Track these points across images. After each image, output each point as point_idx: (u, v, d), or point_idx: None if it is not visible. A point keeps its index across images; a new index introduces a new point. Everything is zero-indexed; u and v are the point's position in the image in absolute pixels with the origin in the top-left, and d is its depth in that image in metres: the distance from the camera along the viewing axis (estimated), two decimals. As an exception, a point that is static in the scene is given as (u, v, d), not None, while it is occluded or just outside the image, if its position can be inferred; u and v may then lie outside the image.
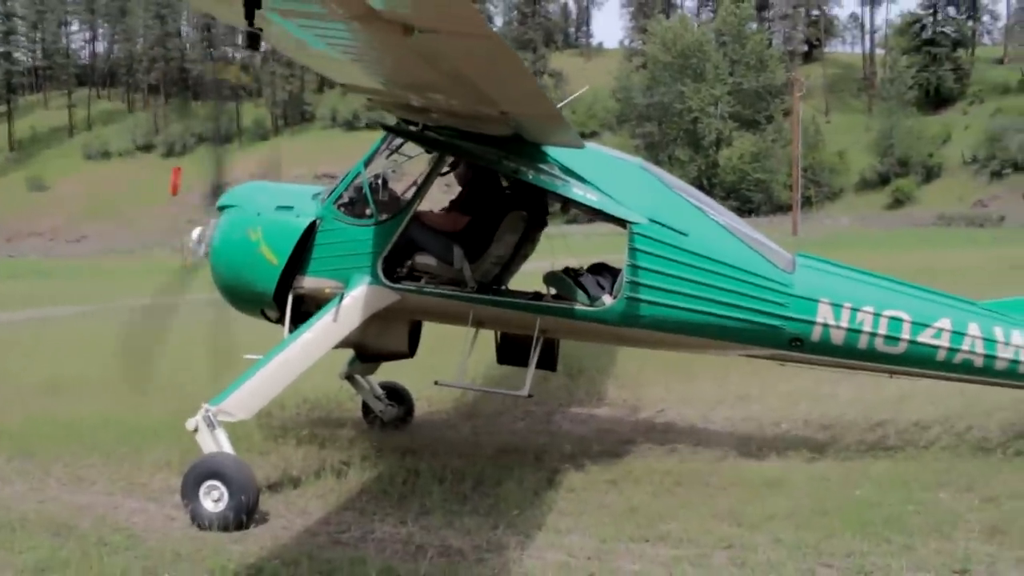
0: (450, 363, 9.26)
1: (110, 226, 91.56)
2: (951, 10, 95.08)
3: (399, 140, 7.47)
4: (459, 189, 7.89)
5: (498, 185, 7.30)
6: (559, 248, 8.15)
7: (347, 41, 4.09)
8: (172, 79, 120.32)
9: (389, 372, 9.48)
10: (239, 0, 3.36)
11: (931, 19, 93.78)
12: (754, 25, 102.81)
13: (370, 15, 3.41)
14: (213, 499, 6.42)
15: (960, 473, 6.99)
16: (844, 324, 7.00)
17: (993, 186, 71.09)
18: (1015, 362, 7.06)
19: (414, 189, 7.45)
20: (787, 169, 76.67)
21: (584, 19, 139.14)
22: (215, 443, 6.71)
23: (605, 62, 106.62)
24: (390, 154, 7.61)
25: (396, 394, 9.68)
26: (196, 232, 8.34)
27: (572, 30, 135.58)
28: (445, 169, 7.56)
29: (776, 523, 6.20)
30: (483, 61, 4.24)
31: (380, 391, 9.53)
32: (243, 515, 6.35)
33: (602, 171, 7.03)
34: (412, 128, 7.16)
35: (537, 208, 7.53)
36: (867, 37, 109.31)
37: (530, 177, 6.85)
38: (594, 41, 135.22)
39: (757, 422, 9.38)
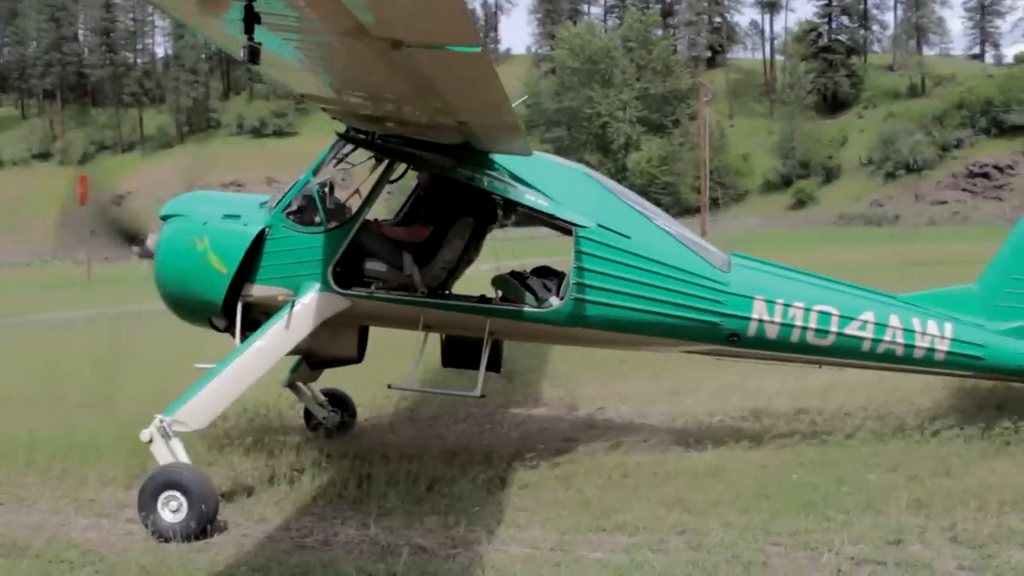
0: (382, 369, 9.41)
1: (5, 238, 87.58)
2: (845, 19, 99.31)
3: (347, 148, 7.57)
4: (402, 197, 8.03)
5: (451, 192, 7.46)
6: (501, 252, 8.38)
7: (327, 54, 4.21)
8: (69, 84, 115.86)
9: (327, 380, 9.54)
10: (234, 13, 3.44)
11: (826, 27, 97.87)
12: (659, 31, 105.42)
13: (360, 30, 3.56)
14: (172, 510, 6.39)
15: (885, 455, 7.51)
16: (777, 319, 7.43)
17: (888, 187, 74.62)
18: (931, 350, 7.61)
19: (362, 197, 7.55)
20: (694, 172, 78.95)
21: (492, 25, 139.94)
22: (171, 454, 6.68)
23: (513, 68, 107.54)
24: (338, 162, 7.68)
25: (338, 400, 9.72)
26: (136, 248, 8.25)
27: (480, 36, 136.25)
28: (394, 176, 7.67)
29: (723, 508, 6.55)
30: (462, 74, 4.43)
31: (322, 398, 9.56)
32: (204, 524, 6.36)
33: (549, 177, 7.30)
34: (362, 137, 7.26)
35: (482, 214, 7.72)
36: (767, 44, 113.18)
37: (485, 184, 7.06)
38: (502, 47, 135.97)
39: (692, 416, 9.76)
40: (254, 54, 3.74)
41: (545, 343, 8.46)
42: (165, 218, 7.91)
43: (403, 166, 7.47)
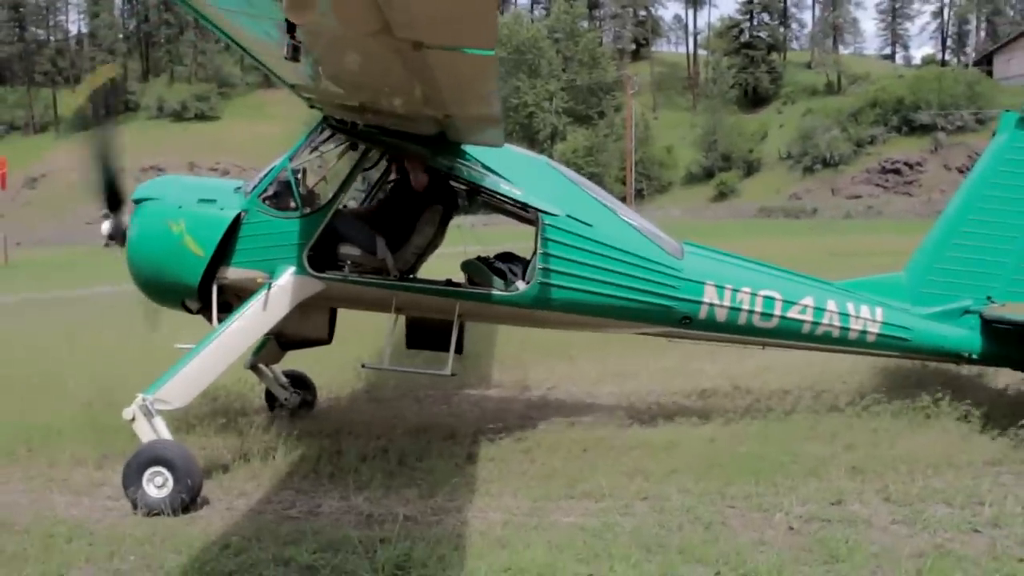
0: (340, 351, 9.64)
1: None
2: (765, 16, 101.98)
3: (324, 135, 7.81)
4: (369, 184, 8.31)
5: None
6: (467, 238, 8.73)
7: (343, 51, 4.48)
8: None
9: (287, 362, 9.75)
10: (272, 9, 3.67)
11: (748, 24, 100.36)
12: (585, 23, 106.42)
13: (384, 31, 3.87)
14: (157, 485, 6.61)
15: (822, 428, 8.17)
16: (726, 303, 8.01)
17: (806, 180, 77.13)
18: (864, 332, 8.31)
19: (337, 183, 7.80)
20: (619, 163, 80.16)
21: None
22: (154, 431, 6.88)
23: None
24: (313, 149, 7.92)
25: (300, 381, 9.96)
26: (106, 225, 8.29)
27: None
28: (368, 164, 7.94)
29: (679, 476, 7.10)
30: (467, 72, 4.77)
31: (284, 379, 9.79)
32: (190, 498, 6.60)
33: (517, 168, 7.70)
34: (343, 126, 7.52)
35: (449, 202, 8.07)
36: (690, 38, 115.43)
37: (464, 174, 7.43)
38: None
39: (639, 395, 10.33)
40: (296, 51, 3.99)
41: (510, 325, 8.84)
42: (137, 201, 8.01)
43: (377, 154, 7.73)
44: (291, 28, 3.83)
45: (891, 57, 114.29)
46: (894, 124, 75.51)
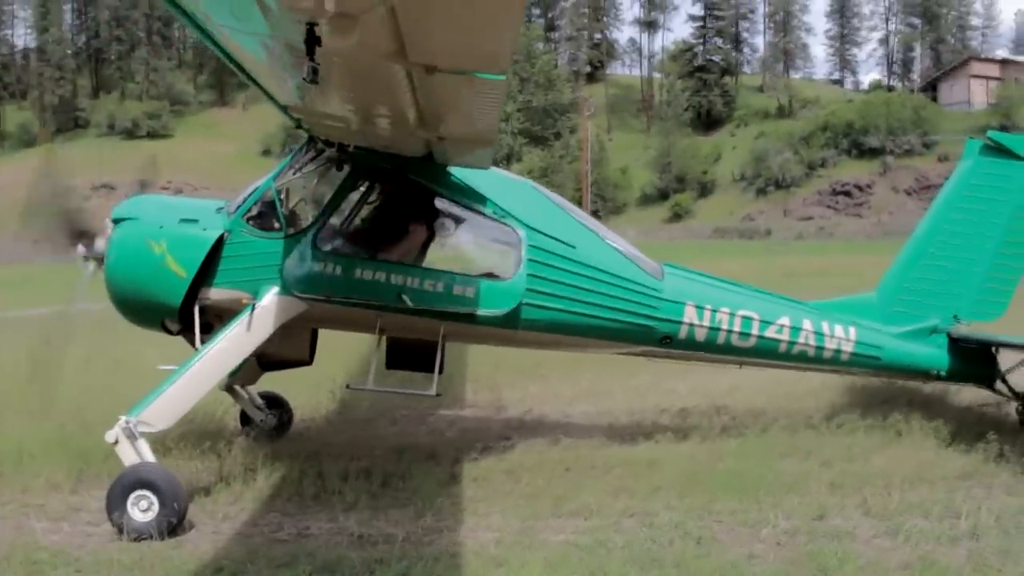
0: (315, 373, 9.60)
1: None
2: (718, 40, 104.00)
3: (308, 156, 7.82)
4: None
5: (411, 202, 7.82)
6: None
7: (352, 73, 4.51)
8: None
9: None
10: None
11: (701, 47, 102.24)
12: (541, 45, 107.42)
13: (399, 54, 3.93)
14: (142, 509, 6.52)
15: (798, 445, 8.37)
16: (706, 323, 8.17)
17: (759, 202, 78.58)
18: (838, 351, 8.54)
19: (323, 204, 7.81)
20: (574, 184, 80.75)
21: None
22: (137, 454, 6.79)
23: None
24: (298, 170, 7.92)
25: (275, 402, 9.89)
26: (81, 248, 8.17)
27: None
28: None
29: (663, 493, 7.23)
30: (474, 96, 4.85)
31: (260, 401, 9.71)
32: (175, 522, 6.52)
33: (503, 190, 7.79)
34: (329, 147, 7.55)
35: (431, 223, 8.10)
36: (645, 61, 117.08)
37: (450, 195, 7.49)
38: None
39: (614, 415, 10.44)
40: (316, 73, 4.02)
41: (493, 345, 8.89)
42: (116, 221, 7.92)
43: (365, 176, 7.74)
44: (311, 51, 3.87)
45: (840, 82, 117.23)
46: (844, 147, 77.46)
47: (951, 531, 6.26)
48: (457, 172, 7.65)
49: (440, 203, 7.72)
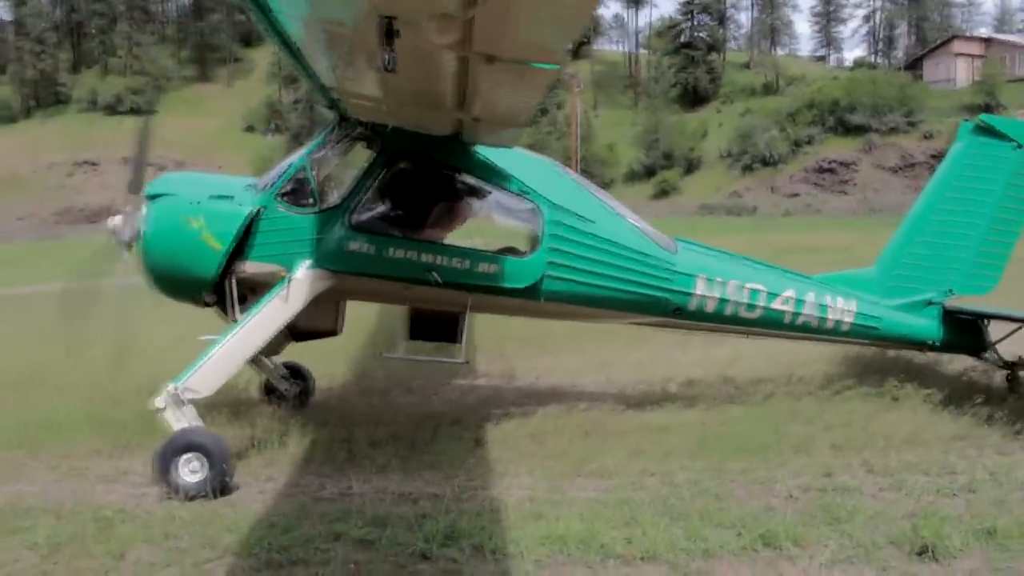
0: (329, 344, 9.93)
1: None
2: (705, 17, 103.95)
3: (339, 135, 8.16)
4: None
5: (434, 180, 8.19)
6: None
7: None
8: None
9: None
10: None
11: (688, 24, 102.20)
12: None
13: (461, 45, 4.27)
14: (191, 470, 6.91)
15: (801, 411, 8.86)
16: (716, 295, 8.62)
17: (745, 178, 78.99)
18: (839, 322, 9.03)
19: (353, 181, 8.14)
20: (562, 160, 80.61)
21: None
22: (185, 419, 7.18)
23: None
24: (332, 147, 8.25)
25: (298, 373, 10.27)
26: (117, 219, 8.43)
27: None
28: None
29: (677, 456, 7.70)
30: (525, 84, 5.20)
31: (284, 371, 10.10)
32: (224, 483, 6.92)
33: (525, 168, 8.17)
34: (363, 127, 7.89)
35: (458, 200, 8.49)
36: (631, 38, 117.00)
37: (475, 173, 7.87)
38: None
39: (622, 384, 10.91)
40: (394, 62, 4.35)
41: (517, 316, 9.29)
42: (151, 197, 8.20)
43: (394, 155, 8.08)
44: (388, 40, 4.20)
45: (824, 59, 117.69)
46: (830, 125, 77.88)
47: (949, 485, 6.80)
48: (482, 151, 8.02)
49: (466, 181, 8.10)
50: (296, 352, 10.19)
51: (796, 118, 79.62)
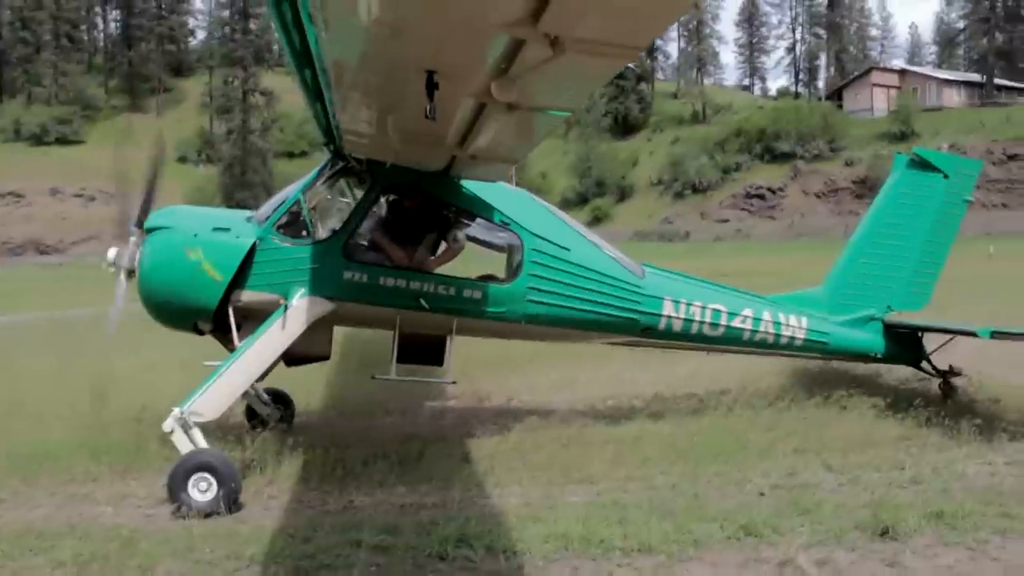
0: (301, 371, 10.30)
1: None
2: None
3: (337, 168, 8.66)
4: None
5: (427, 212, 8.75)
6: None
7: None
8: None
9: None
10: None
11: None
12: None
13: (486, 93, 4.83)
14: (201, 490, 7.25)
15: (761, 420, 9.60)
16: (681, 315, 9.35)
17: (677, 205, 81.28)
18: (792, 338, 9.86)
19: (347, 214, 8.65)
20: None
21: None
22: (192, 441, 7.54)
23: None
24: (327, 181, 8.75)
25: (280, 398, 10.63)
26: (113, 252, 8.75)
27: (275, 48, 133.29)
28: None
29: (653, 463, 8.34)
30: (538, 130, 5.77)
31: (266, 396, 10.45)
32: (233, 501, 7.30)
33: (505, 200, 8.80)
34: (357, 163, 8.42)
35: (441, 230, 9.04)
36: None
37: (464, 205, 8.47)
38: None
39: (591, 401, 11.52)
40: (434, 111, 4.90)
41: (500, 338, 9.84)
42: (149, 230, 8.57)
43: (386, 189, 8.63)
44: (430, 92, 4.75)
45: (749, 88, 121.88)
46: (757, 152, 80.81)
47: (899, 479, 7.68)
48: (467, 184, 8.62)
49: (454, 213, 8.68)
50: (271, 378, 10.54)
51: (724, 146, 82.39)
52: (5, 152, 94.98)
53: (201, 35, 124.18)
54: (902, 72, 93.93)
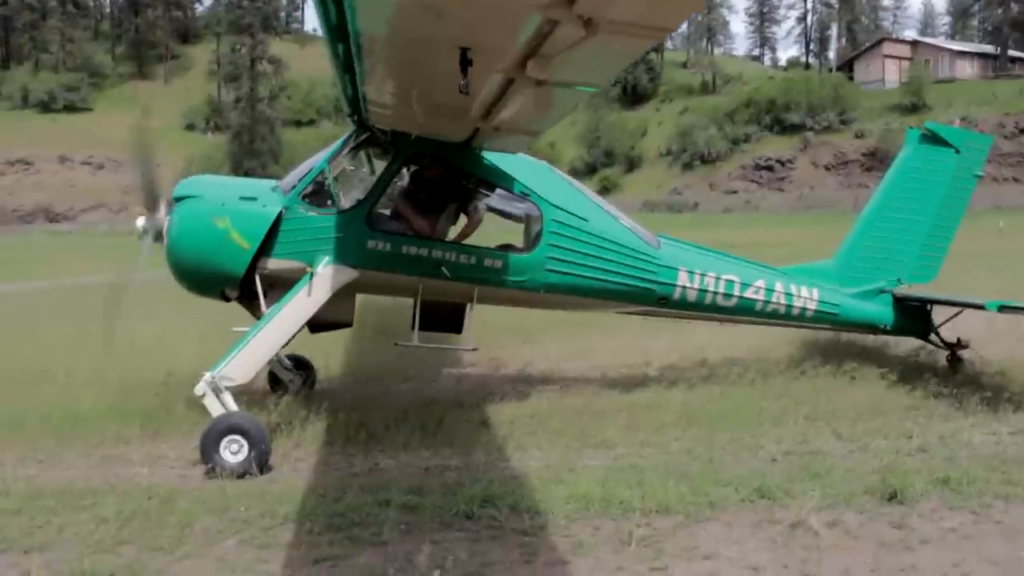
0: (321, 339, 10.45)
1: None
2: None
3: (362, 139, 8.84)
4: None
5: (449, 182, 8.94)
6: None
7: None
8: None
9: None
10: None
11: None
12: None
13: (519, 68, 5.02)
14: (232, 452, 7.52)
15: (772, 389, 9.84)
16: (696, 286, 9.56)
17: (685, 176, 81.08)
18: (804, 309, 10.08)
19: (371, 184, 8.85)
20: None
21: (298, 5, 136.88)
22: (223, 405, 7.80)
23: (320, 49, 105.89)
24: (351, 151, 8.94)
25: (302, 365, 10.90)
26: (142, 220, 8.98)
27: (283, 15, 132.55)
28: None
29: (667, 430, 8.60)
30: (565, 103, 5.93)
31: (288, 362, 10.71)
32: (263, 462, 7.57)
33: (525, 171, 8.98)
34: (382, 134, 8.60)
35: (463, 200, 9.23)
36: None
37: (487, 177, 8.65)
38: (308, 28, 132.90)
39: (604, 370, 11.78)
40: (467, 86, 5.09)
41: (518, 307, 10.05)
42: (178, 199, 8.78)
43: (409, 159, 8.83)
44: (464, 68, 4.94)
45: (759, 59, 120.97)
46: (766, 123, 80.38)
47: (906, 447, 7.92)
48: (488, 156, 8.80)
49: (474, 184, 8.87)
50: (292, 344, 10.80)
51: (734, 117, 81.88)
52: (13, 119, 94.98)
53: (208, 1, 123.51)
54: (914, 43, 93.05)
